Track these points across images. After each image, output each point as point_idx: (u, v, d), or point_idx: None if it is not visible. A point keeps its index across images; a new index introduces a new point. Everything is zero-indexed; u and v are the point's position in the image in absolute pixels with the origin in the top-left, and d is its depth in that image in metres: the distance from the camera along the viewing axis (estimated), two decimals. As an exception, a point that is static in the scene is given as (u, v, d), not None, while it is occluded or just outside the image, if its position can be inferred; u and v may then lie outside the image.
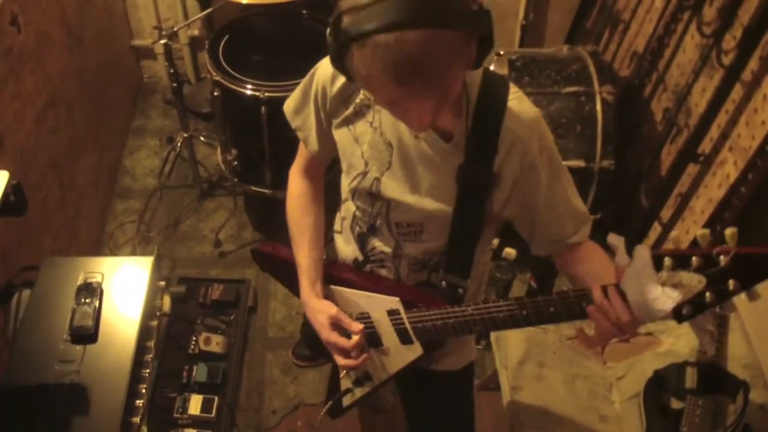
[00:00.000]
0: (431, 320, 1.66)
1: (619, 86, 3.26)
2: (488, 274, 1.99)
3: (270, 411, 3.02)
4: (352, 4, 1.21)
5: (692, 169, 2.83)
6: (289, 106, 1.80)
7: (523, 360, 2.53)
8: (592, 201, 3.14)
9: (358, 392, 1.98)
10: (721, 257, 1.17)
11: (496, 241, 2.71)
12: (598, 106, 3.05)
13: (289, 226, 1.88)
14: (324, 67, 1.64)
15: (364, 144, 1.63)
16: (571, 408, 2.41)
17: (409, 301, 1.71)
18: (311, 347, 2.95)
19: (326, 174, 1.95)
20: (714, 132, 2.69)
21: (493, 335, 2.70)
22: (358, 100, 1.61)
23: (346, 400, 2.03)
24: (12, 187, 1.79)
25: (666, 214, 3.02)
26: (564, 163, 1.60)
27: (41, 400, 1.78)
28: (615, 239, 1.28)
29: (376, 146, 1.60)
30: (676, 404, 2.29)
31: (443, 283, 1.69)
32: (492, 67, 3.14)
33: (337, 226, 1.95)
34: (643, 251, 1.23)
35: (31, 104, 2.75)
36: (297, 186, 1.91)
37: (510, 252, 2.76)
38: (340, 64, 1.30)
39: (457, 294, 1.69)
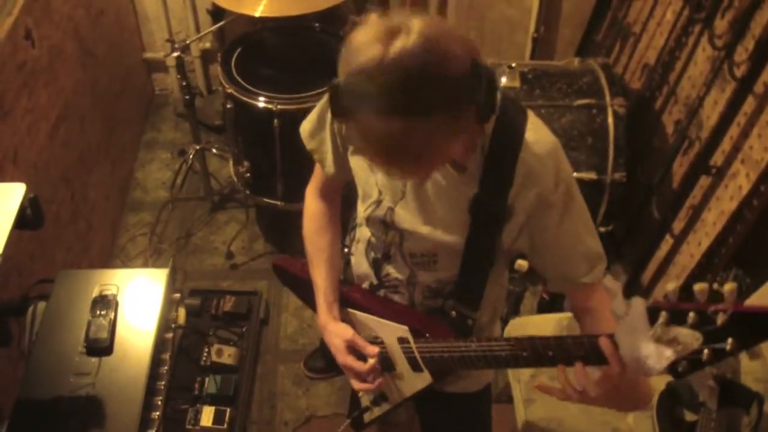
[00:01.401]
0: (439, 352, 1.66)
1: (630, 99, 3.26)
2: (504, 295, 1.98)
3: (282, 423, 3.02)
4: (349, 73, 1.19)
5: (704, 181, 2.82)
6: (305, 128, 1.78)
7: (535, 373, 2.52)
8: (604, 213, 3.14)
9: (377, 411, 1.99)
10: (719, 315, 1.13)
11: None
12: (610, 119, 3.05)
13: (306, 246, 1.88)
14: None
15: (378, 173, 1.63)
16: (584, 422, 2.40)
17: (418, 330, 1.70)
18: (327, 359, 2.96)
19: (342, 192, 1.95)
20: (726, 144, 2.68)
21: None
22: None
23: (367, 417, 2.04)
24: (29, 201, 1.79)
25: (678, 226, 3.01)
26: (575, 175, 1.57)
27: (57, 413, 1.77)
28: (612, 283, 1.26)
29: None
30: (689, 417, 2.27)
31: (453, 313, 1.69)
32: (504, 80, 3.14)
33: (352, 249, 1.96)
34: (638, 304, 1.20)
35: (45, 118, 2.76)
36: (313, 207, 1.91)
37: (522, 264, 2.75)
38: (339, 121, 1.31)
39: (466, 325, 1.68)
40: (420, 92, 1.14)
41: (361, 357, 1.74)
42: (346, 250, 2.01)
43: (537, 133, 1.49)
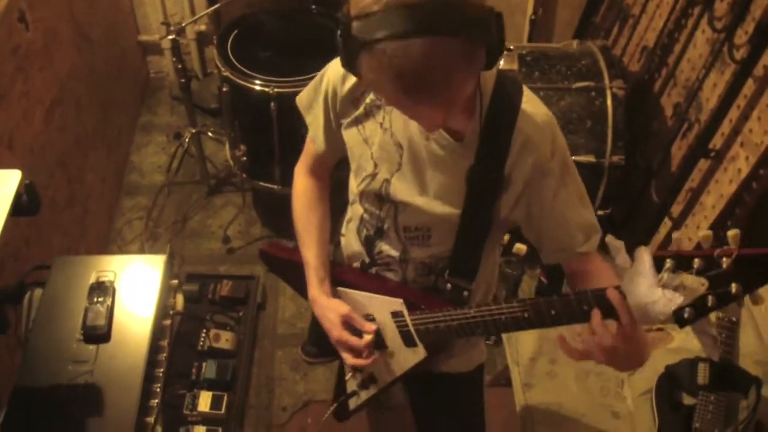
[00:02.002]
0: (434, 322, 1.65)
1: (629, 81, 3.24)
2: (498, 273, 1.98)
3: (280, 408, 3.01)
4: (361, 10, 1.18)
5: (703, 164, 2.82)
6: (301, 99, 1.78)
7: (534, 356, 2.52)
8: (602, 196, 3.13)
9: (364, 395, 1.97)
10: (724, 259, 1.15)
11: (506, 237, 2.69)
12: (609, 102, 3.03)
13: (295, 224, 1.87)
14: (335, 66, 1.62)
15: (373, 145, 1.62)
16: (583, 405, 2.41)
17: (413, 303, 1.69)
18: (319, 345, 2.96)
19: (333, 174, 1.93)
20: (725, 127, 2.67)
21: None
22: (368, 101, 1.59)
23: (352, 403, 2.03)
24: (25, 187, 1.77)
25: (676, 209, 3.01)
26: (574, 158, 1.57)
27: (55, 401, 1.77)
28: (614, 241, 1.26)
29: (386, 147, 1.59)
30: (688, 400, 2.28)
31: (448, 285, 1.68)
32: (502, 62, 3.12)
33: (343, 230, 1.95)
34: (643, 252, 1.21)
35: (40, 102, 2.74)
36: (302, 184, 1.89)
37: (520, 248, 2.75)
38: (350, 67, 1.29)
39: (462, 297, 1.68)
40: (443, 10, 1.14)
41: (357, 333, 1.73)
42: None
43: (533, 105, 1.50)
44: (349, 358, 1.75)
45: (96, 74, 3.43)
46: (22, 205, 1.78)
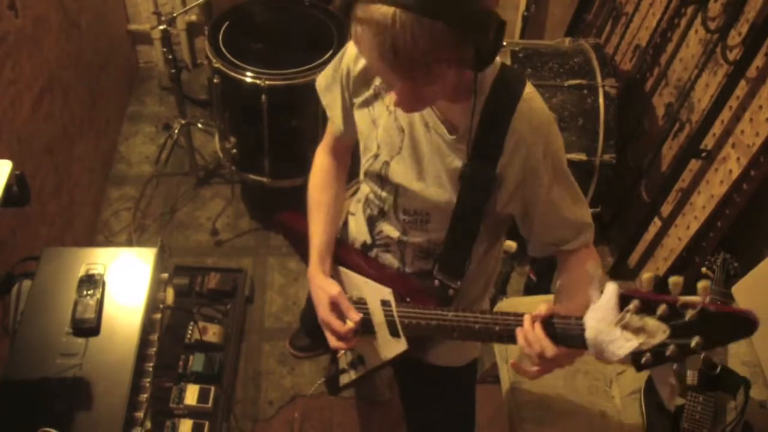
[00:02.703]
0: (416, 317, 1.66)
1: (621, 80, 3.25)
2: (498, 269, 1.97)
3: (266, 402, 3.00)
4: None
5: (694, 164, 2.82)
6: (320, 82, 1.80)
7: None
8: (593, 195, 3.14)
9: (353, 374, 1.99)
10: (689, 310, 1.13)
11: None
12: (601, 100, 3.04)
13: (308, 199, 1.89)
14: (351, 46, 1.64)
15: (379, 127, 1.63)
16: (571, 403, 2.41)
17: (401, 295, 1.71)
18: (310, 334, 2.95)
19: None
20: (717, 128, 2.68)
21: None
22: (377, 82, 1.60)
23: (343, 379, 2.05)
24: (15, 178, 1.75)
25: (666, 209, 3.02)
26: (565, 156, 1.58)
27: (43, 395, 1.74)
28: (593, 268, 1.26)
29: (389, 130, 1.60)
30: (676, 401, 2.28)
31: (436, 281, 1.69)
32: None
33: (352, 208, 1.96)
34: (611, 289, 1.20)
35: (28, 90, 2.71)
36: (321, 162, 1.92)
37: (510, 245, 2.74)
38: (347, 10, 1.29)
39: (447, 295, 1.69)
40: None
41: (343, 317, 1.75)
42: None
43: (532, 103, 1.49)
44: (332, 340, 1.77)
45: (84, 63, 3.40)
46: (11, 196, 1.75)
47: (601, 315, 1.21)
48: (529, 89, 1.50)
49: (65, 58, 3.12)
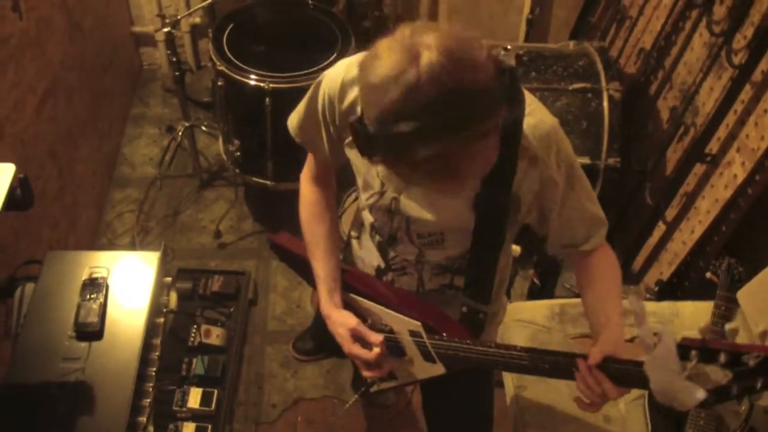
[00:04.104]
0: (454, 350, 1.65)
1: (625, 83, 3.24)
2: (511, 266, 1.97)
3: (269, 405, 3.00)
4: (381, 105, 1.13)
5: (699, 168, 2.81)
6: (293, 121, 1.75)
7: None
8: (597, 199, 3.12)
9: (384, 385, 1.98)
10: (752, 359, 1.16)
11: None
12: (605, 103, 3.03)
13: (304, 233, 1.85)
14: (330, 80, 1.56)
15: (378, 164, 1.59)
16: (575, 408, 2.37)
17: (430, 327, 1.68)
18: (317, 340, 2.95)
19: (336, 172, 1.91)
20: (722, 132, 2.67)
21: (498, 333, 2.68)
22: None
23: (373, 389, 2.02)
24: (18, 181, 1.75)
25: (671, 213, 3.01)
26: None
27: (45, 399, 1.75)
28: (636, 304, 1.28)
29: None
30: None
31: (464, 308, 1.68)
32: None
33: (353, 232, 1.93)
34: (668, 340, 1.22)
35: (32, 92, 2.71)
36: (308, 194, 1.86)
37: (514, 249, 2.73)
38: (370, 157, 1.26)
39: (478, 319, 1.68)
40: (464, 105, 1.11)
41: (367, 344, 1.72)
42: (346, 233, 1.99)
43: (535, 117, 1.47)
44: (365, 371, 1.75)
45: (88, 64, 3.40)
46: (15, 200, 1.75)
47: (664, 366, 1.24)
48: (529, 99, 1.47)
49: (69, 60, 3.12)
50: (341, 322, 1.74)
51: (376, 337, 1.70)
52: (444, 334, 1.66)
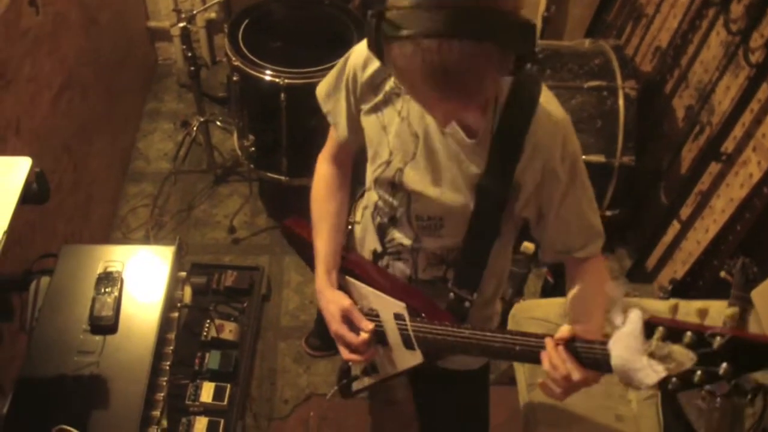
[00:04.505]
0: (432, 333, 1.65)
1: (641, 82, 3.23)
2: (509, 268, 1.97)
3: (282, 400, 3.01)
4: (398, 1, 1.17)
5: (714, 167, 2.80)
6: (321, 89, 1.77)
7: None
8: (611, 197, 3.12)
9: (366, 381, 1.98)
10: (717, 338, 1.11)
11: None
12: (621, 102, 3.02)
13: (312, 210, 1.86)
14: (357, 52, 1.61)
15: (390, 133, 1.60)
16: (587, 407, 2.40)
17: (415, 309, 1.69)
18: (322, 338, 2.95)
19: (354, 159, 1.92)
20: (738, 131, 2.66)
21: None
22: (387, 88, 1.58)
23: (356, 385, 2.04)
24: (35, 175, 1.76)
25: (685, 212, 3.00)
26: (584, 158, 1.56)
27: (60, 392, 1.75)
28: (613, 290, 1.26)
29: (402, 136, 1.58)
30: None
31: (451, 295, 1.68)
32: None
33: (357, 216, 1.94)
34: (635, 316, 1.19)
35: (48, 87, 2.72)
36: (324, 171, 1.89)
37: (528, 246, 2.73)
38: (377, 51, 1.27)
39: (462, 307, 1.67)
40: (485, 15, 1.14)
41: (355, 328, 1.73)
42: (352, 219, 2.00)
43: (549, 106, 1.48)
44: (345, 353, 1.76)
45: (103, 59, 3.41)
46: (31, 194, 1.76)
47: (627, 342, 1.20)
48: (545, 91, 1.49)
49: (84, 55, 3.13)
50: (334, 300, 1.76)
51: (367, 324, 1.71)
52: (424, 315, 1.67)
